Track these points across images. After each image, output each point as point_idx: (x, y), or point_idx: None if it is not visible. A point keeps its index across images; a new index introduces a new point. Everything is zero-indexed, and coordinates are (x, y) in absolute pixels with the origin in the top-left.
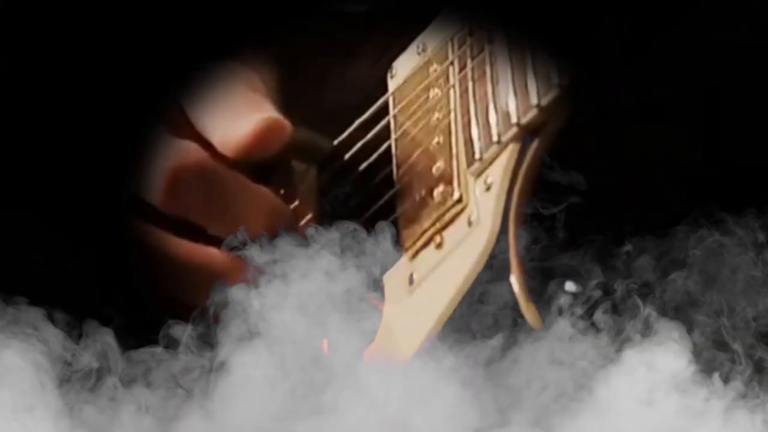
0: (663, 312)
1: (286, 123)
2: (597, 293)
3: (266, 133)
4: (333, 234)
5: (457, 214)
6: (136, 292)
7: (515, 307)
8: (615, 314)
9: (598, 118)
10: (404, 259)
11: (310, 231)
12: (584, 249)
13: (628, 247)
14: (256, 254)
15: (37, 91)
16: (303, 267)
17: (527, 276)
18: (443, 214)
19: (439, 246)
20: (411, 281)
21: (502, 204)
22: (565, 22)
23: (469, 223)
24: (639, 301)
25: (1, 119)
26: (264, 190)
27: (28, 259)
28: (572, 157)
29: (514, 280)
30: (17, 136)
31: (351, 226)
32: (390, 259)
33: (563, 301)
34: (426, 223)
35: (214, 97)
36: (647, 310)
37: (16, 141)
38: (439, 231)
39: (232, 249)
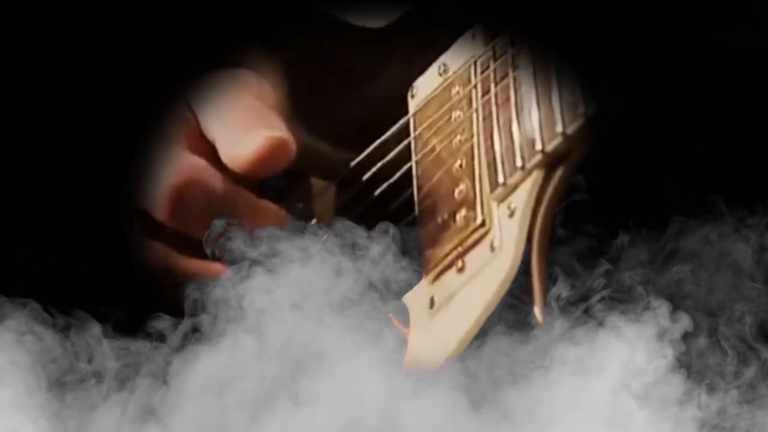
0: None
1: (291, 142)
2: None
3: (270, 153)
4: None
5: (480, 239)
6: (136, 292)
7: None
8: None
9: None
10: (425, 282)
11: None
12: (584, 246)
13: (622, 242)
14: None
15: (38, 91)
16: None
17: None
18: (466, 238)
19: (460, 270)
20: (432, 304)
21: (525, 230)
22: (565, 22)
23: (492, 248)
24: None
25: (1, 119)
26: (271, 207)
27: (28, 259)
28: None
29: (538, 312)
30: (18, 136)
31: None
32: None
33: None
34: (448, 247)
35: (224, 104)
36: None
37: (16, 141)
38: (461, 255)
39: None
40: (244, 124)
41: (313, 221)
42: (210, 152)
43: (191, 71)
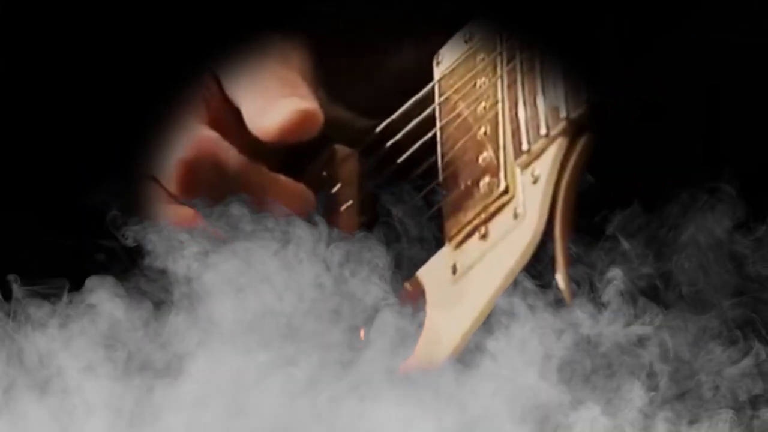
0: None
1: (319, 113)
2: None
3: (297, 125)
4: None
5: (503, 206)
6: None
7: None
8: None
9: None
10: (447, 248)
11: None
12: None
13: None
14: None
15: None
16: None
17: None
18: (489, 205)
19: (483, 237)
20: (454, 271)
21: (549, 197)
22: (564, 21)
23: (515, 216)
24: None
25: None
26: (288, 182)
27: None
28: None
29: (560, 278)
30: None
31: None
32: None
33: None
34: (471, 214)
35: (251, 69)
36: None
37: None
38: (485, 222)
39: None
40: (271, 92)
41: (337, 188)
42: (230, 121)
43: (218, 40)
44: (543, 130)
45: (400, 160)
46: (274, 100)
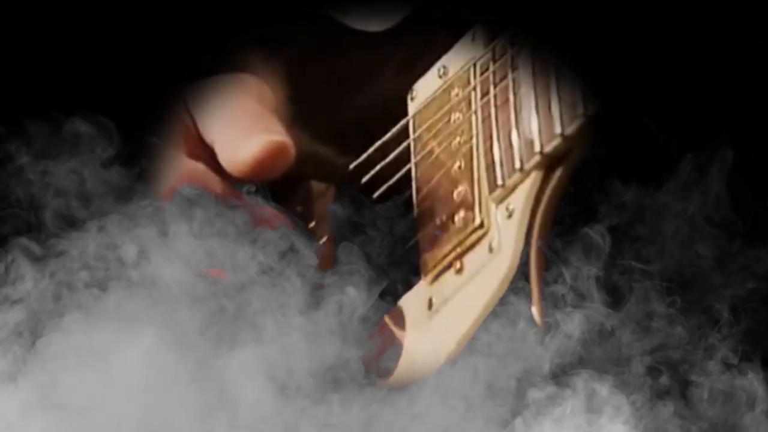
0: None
1: (291, 146)
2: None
3: (269, 157)
4: None
5: (478, 240)
6: None
7: None
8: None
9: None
10: (424, 283)
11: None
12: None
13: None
14: None
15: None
16: None
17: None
18: (464, 240)
19: (459, 271)
20: (430, 306)
21: (524, 231)
22: (564, 21)
23: (490, 249)
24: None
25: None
26: (270, 212)
27: None
28: None
29: (535, 312)
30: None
31: None
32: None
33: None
34: (446, 248)
35: (223, 107)
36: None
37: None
38: (460, 256)
39: None
40: (243, 128)
41: (312, 224)
42: (208, 157)
43: (190, 73)
44: (517, 164)
45: (374, 196)
46: (246, 134)
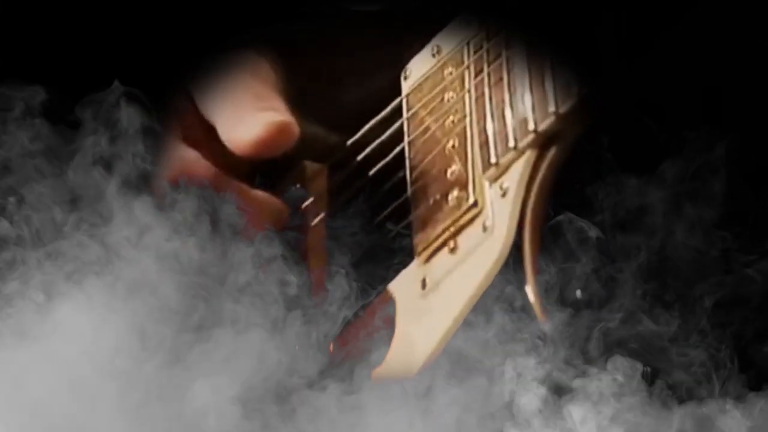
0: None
1: (294, 125)
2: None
3: (272, 136)
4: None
5: (472, 219)
6: None
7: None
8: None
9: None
10: (417, 262)
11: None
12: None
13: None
14: None
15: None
16: None
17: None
18: (458, 219)
19: (453, 251)
20: (423, 285)
21: (518, 210)
22: (563, 21)
23: (484, 229)
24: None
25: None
26: (263, 197)
27: None
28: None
29: (530, 290)
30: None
31: None
32: None
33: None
34: (440, 228)
35: (225, 85)
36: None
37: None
38: (454, 235)
39: None
40: (245, 106)
41: (307, 203)
42: (205, 138)
43: (190, 56)
44: (511, 143)
45: (369, 175)
46: (248, 113)
